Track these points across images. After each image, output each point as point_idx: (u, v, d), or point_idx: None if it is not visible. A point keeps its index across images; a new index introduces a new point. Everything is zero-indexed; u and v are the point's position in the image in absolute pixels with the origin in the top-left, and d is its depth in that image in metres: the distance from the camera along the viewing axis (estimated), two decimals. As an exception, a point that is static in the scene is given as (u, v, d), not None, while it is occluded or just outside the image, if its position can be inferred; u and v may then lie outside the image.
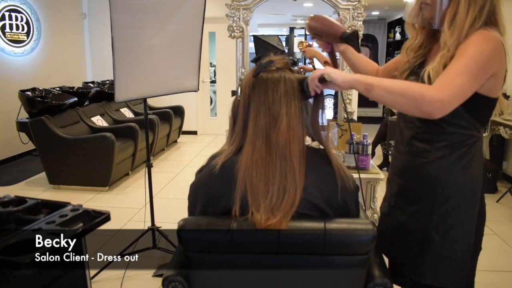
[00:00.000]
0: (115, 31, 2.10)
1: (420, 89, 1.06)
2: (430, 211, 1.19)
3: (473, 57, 1.06)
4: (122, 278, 2.41)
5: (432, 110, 1.03)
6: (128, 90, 2.28)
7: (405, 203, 1.26)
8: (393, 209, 1.30)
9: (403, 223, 1.26)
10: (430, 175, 1.18)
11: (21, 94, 4.05)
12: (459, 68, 1.06)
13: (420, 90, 1.05)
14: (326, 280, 1.07)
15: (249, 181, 1.03)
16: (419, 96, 1.03)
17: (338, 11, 2.35)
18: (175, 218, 1.18)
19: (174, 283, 1.10)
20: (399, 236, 1.27)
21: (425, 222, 1.20)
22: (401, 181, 1.28)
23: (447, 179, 1.17)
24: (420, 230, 1.21)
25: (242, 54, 2.45)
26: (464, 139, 1.15)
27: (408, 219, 1.24)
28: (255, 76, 1.08)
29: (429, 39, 1.24)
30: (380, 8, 7.26)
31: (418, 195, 1.22)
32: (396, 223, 1.28)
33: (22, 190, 4.09)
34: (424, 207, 1.20)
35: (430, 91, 1.04)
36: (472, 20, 1.08)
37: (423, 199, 1.20)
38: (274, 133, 1.04)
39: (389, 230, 1.31)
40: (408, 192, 1.25)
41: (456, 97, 1.05)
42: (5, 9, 4.99)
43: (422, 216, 1.21)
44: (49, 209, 1.29)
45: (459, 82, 1.05)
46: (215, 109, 7.09)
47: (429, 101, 1.02)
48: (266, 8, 2.52)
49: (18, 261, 0.95)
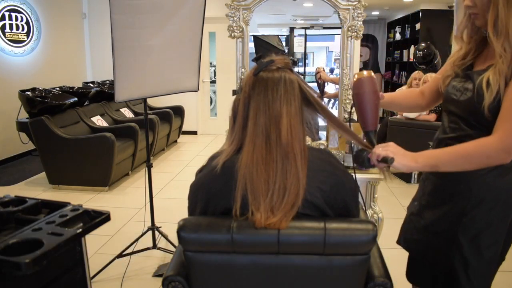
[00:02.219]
0: (115, 31, 2.10)
1: (482, 150, 1.07)
2: (461, 212, 1.17)
3: None
4: (122, 278, 2.41)
5: (501, 162, 1.07)
6: (128, 90, 2.28)
7: (437, 202, 1.24)
8: (424, 208, 1.28)
9: (432, 224, 1.24)
10: (468, 175, 1.16)
11: (21, 94, 4.05)
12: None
13: (482, 152, 1.06)
14: (326, 280, 1.07)
15: (249, 179, 1.03)
16: (484, 158, 1.07)
17: (338, 11, 2.35)
18: (175, 218, 1.18)
19: (174, 283, 1.10)
20: (427, 237, 1.26)
21: (454, 224, 1.18)
22: (436, 180, 1.26)
23: (483, 181, 1.15)
24: (448, 232, 1.20)
25: (242, 54, 2.45)
26: None
27: (437, 221, 1.23)
28: (255, 75, 1.08)
29: (477, 45, 1.21)
30: (380, 8, 7.26)
31: (452, 195, 1.20)
32: (424, 223, 1.27)
33: (22, 190, 4.09)
34: (456, 208, 1.18)
35: (493, 147, 1.05)
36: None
37: (456, 199, 1.18)
38: (274, 132, 1.04)
39: (417, 230, 1.29)
40: (442, 191, 1.23)
41: None
42: (5, 9, 4.99)
43: (452, 217, 1.19)
44: (49, 209, 1.29)
45: None
46: (215, 109, 7.10)
47: (496, 157, 1.06)
48: (266, 8, 2.52)
49: (18, 261, 0.95)
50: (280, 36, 7.42)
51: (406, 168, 1.08)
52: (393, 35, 8.07)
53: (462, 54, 1.23)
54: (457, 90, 1.20)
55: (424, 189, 1.31)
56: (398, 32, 7.81)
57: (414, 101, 1.42)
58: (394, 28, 7.99)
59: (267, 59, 1.10)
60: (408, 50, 7.20)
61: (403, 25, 7.60)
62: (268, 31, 7.22)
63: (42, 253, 0.99)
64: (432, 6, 6.49)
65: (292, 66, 1.13)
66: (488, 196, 1.15)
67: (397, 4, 6.83)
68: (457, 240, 1.18)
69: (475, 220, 1.16)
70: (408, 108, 1.27)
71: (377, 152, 1.11)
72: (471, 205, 1.16)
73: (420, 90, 1.42)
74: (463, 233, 1.17)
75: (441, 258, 1.22)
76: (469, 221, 1.16)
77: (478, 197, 1.15)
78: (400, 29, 7.75)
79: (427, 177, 1.31)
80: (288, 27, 7.42)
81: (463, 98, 1.16)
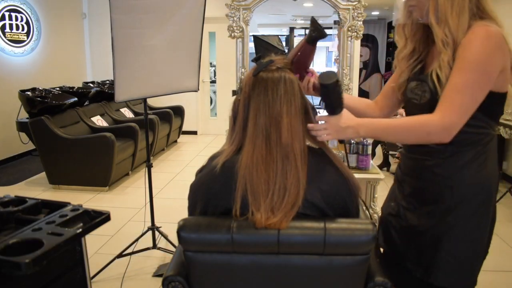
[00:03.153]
0: (115, 31, 2.10)
1: (422, 126, 1.09)
2: (445, 212, 1.17)
3: (474, 67, 1.04)
4: (122, 278, 2.41)
5: (441, 139, 1.08)
6: (128, 90, 2.28)
7: (419, 204, 1.23)
8: (405, 210, 1.27)
9: (414, 224, 1.24)
10: (446, 174, 1.17)
11: (21, 94, 4.05)
12: (457, 85, 1.06)
13: (423, 128, 1.08)
14: (326, 280, 1.07)
15: (249, 179, 1.03)
16: (424, 134, 1.09)
17: (338, 11, 2.35)
18: (175, 218, 1.18)
19: (174, 283, 1.10)
20: (410, 238, 1.26)
21: (440, 224, 1.18)
22: (414, 182, 1.25)
23: (463, 178, 1.15)
24: (433, 232, 1.20)
25: (242, 54, 2.45)
26: (478, 138, 1.14)
27: (420, 221, 1.22)
28: (255, 75, 1.08)
29: (422, 45, 1.23)
30: (380, 8, 7.26)
31: (434, 196, 1.19)
32: (406, 224, 1.26)
33: (22, 190, 4.09)
34: (440, 208, 1.18)
35: (433, 124, 1.07)
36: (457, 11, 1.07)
37: (439, 199, 1.18)
38: (275, 132, 1.04)
39: (397, 231, 1.29)
40: (424, 192, 1.22)
41: (460, 118, 1.07)
42: (5, 9, 4.99)
43: (436, 217, 1.19)
44: (49, 209, 1.28)
45: (459, 102, 1.05)
46: (215, 109, 7.10)
47: (435, 135, 1.07)
48: (266, 8, 2.52)
49: (18, 261, 0.95)
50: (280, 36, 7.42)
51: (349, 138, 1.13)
52: (393, 35, 8.07)
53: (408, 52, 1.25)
54: (415, 94, 1.21)
55: (402, 191, 1.31)
56: (398, 32, 7.79)
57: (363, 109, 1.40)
58: (394, 28, 7.98)
59: (266, 59, 1.10)
60: (408, 50, 7.19)
61: (403, 25, 7.58)
62: (268, 31, 7.23)
63: (42, 253, 0.99)
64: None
65: (291, 66, 1.13)
66: (469, 192, 1.16)
67: (397, 4, 6.82)
68: (443, 239, 1.18)
69: (459, 217, 1.17)
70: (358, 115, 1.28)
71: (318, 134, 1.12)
72: (454, 203, 1.16)
73: (374, 100, 1.44)
74: (448, 231, 1.18)
75: (425, 258, 1.22)
76: (453, 219, 1.17)
77: (459, 195, 1.16)
78: (400, 29, 7.74)
79: (403, 179, 1.31)
80: (288, 27, 7.43)
81: (423, 101, 1.18)
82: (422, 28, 1.22)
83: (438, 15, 1.09)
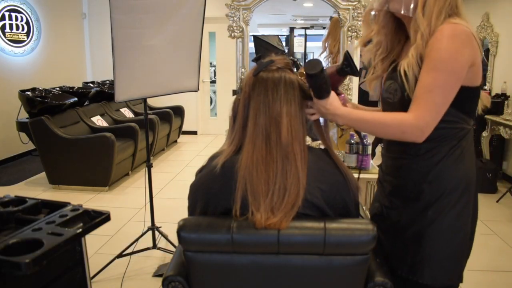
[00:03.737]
0: (115, 31, 2.10)
1: (398, 125, 1.10)
2: (425, 207, 1.19)
3: (443, 66, 1.05)
4: (122, 278, 2.41)
5: (416, 139, 1.10)
6: (128, 90, 2.28)
7: (400, 202, 1.25)
8: (388, 209, 1.29)
9: (398, 222, 1.25)
10: (423, 170, 1.18)
11: (21, 94, 4.05)
12: (428, 85, 1.07)
13: (398, 127, 1.10)
14: (326, 280, 1.07)
15: (249, 179, 1.03)
16: (399, 132, 1.11)
17: (338, 11, 2.35)
18: (175, 218, 1.18)
19: (174, 283, 1.10)
20: (394, 237, 1.27)
21: (421, 220, 1.20)
22: (394, 181, 1.27)
23: (440, 173, 1.17)
24: (416, 228, 1.21)
25: (242, 54, 2.45)
26: (452, 133, 1.16)
27: (403, 218, 1.24)
28: (255, 75, 1.08)
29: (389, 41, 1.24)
30: (380, 8, 7.24)
31: (414, 192, 1.21)
32: (390, 223, 1.28)
33: (22, 190, 4.09)
34: (420, 204, 1.20)
35: (408, 124, 1.08)
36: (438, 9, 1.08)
37: (419, 196, 1.20)
38: (275, 132, 1.04)
39: (382, 231, 1.29)
40: (403, 190, 1.24)
41: (433, 118, 1.08)
42: (5, 9, 4.99)
43: (417, 214, 1.21)
44: (49, 209, 1.29)
45: (431, 102, 1.07)
46: (215, 109, 7.10)
47: (410, 134, 1.09)
48: (266, 8, 2.52)
49: (18, 261, 0.95)
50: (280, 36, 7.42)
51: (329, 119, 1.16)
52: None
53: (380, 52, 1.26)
54: (389, 93, 1.22)
55: (383, 191, 1.32)
56: (398, 32, 7.79)
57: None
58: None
59: (267, 59, 1.10)
60: (408, 50, 7.19)
61: (403, 25, 7.58)
62: (268, 31, 7.23)
63: (42, 253, 0.99)
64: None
65: (292, 66, 1.13)
66: (447, 187, 1.17)
67: (397, 4, 6.81)
68: (425, 233, 1.19)
69: (439, 212, 1.18)
70: None
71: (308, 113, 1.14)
72: (434, 198, 1.18)
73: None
74: (430, 225, 1.19)
75: (409, 255, 1.23)
76: (433, 213, 1.18)
77: (438, 190, 1.17)
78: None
79: (384, 179, 1.33)
80: (288, 27, 7.43)
81: (396, 99, 1.19)
82: (391, 23, 1.23)
83: (426, 11, 1.09)
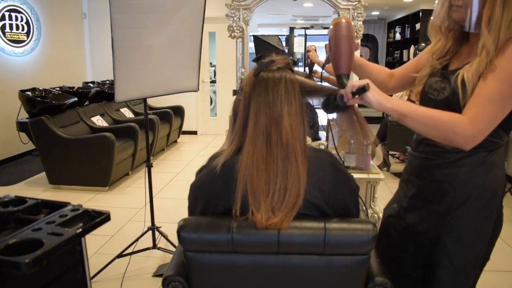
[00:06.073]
0: (115, 31, 2.10)
1: (452, 124, 1.05)
2: (445, 212, 1.16)
3: (508, 79, 1.03)
4: (122, 278, 2.41)
5: (464, 145, 1.06)
6: (128, 90, 2.28)
7: (420, 204, 1.22)
8: (405, 211, 1.27)
9: (414, 225, 1.23)
10: (451, 175, 1.15)
11: (21, 94, 4.05)
12: (492, 94, 1.03)
13: (451, 126, 1.05)
14: (326, 280, 1.07)
15: (249, 180, 1.03)
16: (451, 132, 1.05)
17: (338, 11, 2.35)
18: (175, 218, 1.18)
19: (174, 283, 1.10)
20: (408, 238, 1.25)
21: (438, 224, 1.17)
22: (418, 181, 1.24)
23: (467, 180, 1.14)
24: (432, 233, 1.19)
25: (242, 54, 2.45)
26: (487, 145, 1.12)
27: (420, 221, 1.21)
28: (255, 75, 1.07)
29: (456, 43, 1.21)
30: (380, 8, 7.26)
31: (435, 196, 1.18)
32: (405, 225, 1.26)
33: (22, 190, 4.09)
34: (440, 208, 1.17)
35: (462, 127, 1.04)
36: (507, 23, 1.04)
37: (440, 199, 1.17)
38: (275, 133, 1.04)
39: (396, 232, 1.28)
40: (426, 192, 1.21)
41: (488, 128, 1.05)
42: (5, 9, 4.99)
43: (436, 218, 1.18)
44: (49, 209, 1.29)
45: (491, 112, 1.04)
46: (215, 109, 7.10)
47: (461, 137, 1.04)
48: (266, 8, 2.52)
49: (18, 261, 0.95)
50: (280, 36, 7.42)
51: (377, 105, 1.07)
52: (393, 35, 8.07)
53: (441, 45, 1.22)
54: (434, 90, 1.19)
55: (406, 192, 1.29)
56: (398, 32, 7.81)
57: (382, 79, 1.40)
58: (394, 28, 7.99)
59: (267, 59, 1.10)
60: (408, 50, 7.21)
61: (403, 25, 7.60)
62: (268, 31, 7.23)
63: (42, 253, 0.99)
64: (432, 6, 6.40)
65: (292, 66, 1.13)
66: (473, 194, 1.14)
67: (397, 4, 6.83)
68: (441, 240, 1.17)
69: (460, 219, 1.15)
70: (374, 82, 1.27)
71: (352, 83, 1.08)
72: (456, 204, 1.15)
73: (391, 72, 1.42)
74: (447, 232, 1.16)
75: (423, 259, 1.21)
76: (453, 220, 1.15)
77: (462, 196, 1.14)
78: (400, 29, 7.76)
79: (408, 180, 1.29)
80: (288, 27, 7.43)
81: (440, 98, 1.16)
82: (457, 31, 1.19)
83: (492, 25, 1.05)
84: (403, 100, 1.13)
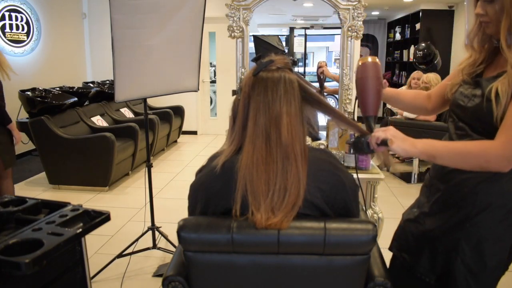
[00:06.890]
0: (115, 31, 2.10)
1: (483, 154, 1.04)
2: (465, 218, 1.14)
3: None
4: (122, 278, 2.41)
5: (499, 169, 1.05)
6: (128, 90, 2.28)
7: (440, 209, 1.21)
8: (425, 215, 1.25)
9: (432, 229, 1.21)
10: (474, 181, 1.13)
11: (21, 94, 4.05)
12: None
13: (483, 156, 1.04)
14: (326, 280, 1.07)
15: (249, 180, 1.03)
16: (484, 162, 1.04)
17: (338, 11, 2.35)
18: (175, 218, 1.18)
19: (174, 283, 1.10)
20: (425, 243, 1.24)
21: (457, 231, 1.16)
22: (441, 186, 1.22)
23: (490, 187, 1.12)
24: (449, 238, 1.17)
25: (242, 54, 2.45)
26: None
27: (438, 225, 1.20)
28: (255, 75, 1.07)
29: (489, 54, 1.19)
30: (380, 8, 7.26)
31: (456, 200, 1.17)
32: (423, 229, 1.24)
33: (22, 190, 4.09)
34: (459, 213, 1.15)
35: (494, 153, 1.03)
36: None
37: (461, 204, 1.15)
38: (275, 133, 1.03)
39: (414, 237, 1.26)
40: (447, 197, 1.20)
41: None
42: (5, 9, 4.99)
43: (454, 223, 1.16)
44: (49, 209, 1.29)
45: None
46: (215, 109, 7.10)
47: (495, 163, 1.04)
48: (266, 8, 2.52)
49: (18, 261, 0.95)
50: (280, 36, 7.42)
51: (404, 152, 1.07)
52: (393, 35, 8.07)
53: (471, 61, 1.21)
54: (464, 96, 1.18)
55: (428, 196, 1.27)
56: (398, 32, 7.81)
57: (420, 103, 1.40)
58: (394, 28, 7.99)
59: (266, 59, 1.10)
60: (408, 50, 7.21)
61: (403, 25, 7.60)
62: (268, 31, 7.22)
63: (42, 253, 0.99)
64: (432, 6, 6.50)
65: (292, 66, 1.13)
66: (496, 201, 1.12)
67: (397, 4, 6.83)
68: (459, 247, 1.15)
69: (479, 226, 1.13)
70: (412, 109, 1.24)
71: (376, 135, 1.09)
72: (476, 210, 1.13)
73: (428, 94, 1.41)
74: (466, 239, 1.14)
75: (438, 265, 1.20)
76: (472, 226, 1.13)
77: (484, 202, 1.12)
78: (400, 29, 7.76)
79: (431, 184, 1.27)
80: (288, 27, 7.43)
81: (470, 105, 1.14)
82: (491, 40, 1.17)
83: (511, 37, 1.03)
84: (428, 140, 1.13)
